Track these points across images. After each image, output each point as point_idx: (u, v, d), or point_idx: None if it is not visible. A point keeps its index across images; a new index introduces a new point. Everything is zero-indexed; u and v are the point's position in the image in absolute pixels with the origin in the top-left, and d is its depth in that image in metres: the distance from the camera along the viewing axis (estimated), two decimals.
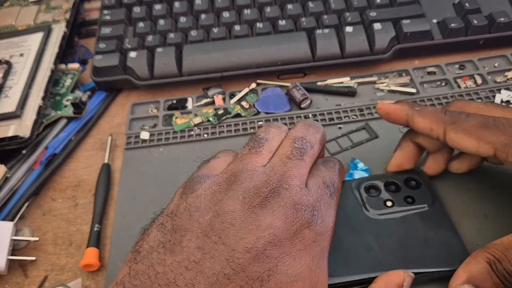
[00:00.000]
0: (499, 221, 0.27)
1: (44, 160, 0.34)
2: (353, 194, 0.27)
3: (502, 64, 0.37)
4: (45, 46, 0.39)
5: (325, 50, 0.37)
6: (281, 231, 0.19)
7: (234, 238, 0.18)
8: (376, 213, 0.26)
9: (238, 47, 0.38)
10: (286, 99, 0.36)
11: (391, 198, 0.27)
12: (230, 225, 0.19)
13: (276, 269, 0.18)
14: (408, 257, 0.24)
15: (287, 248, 0.19)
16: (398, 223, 0.25)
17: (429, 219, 0.26)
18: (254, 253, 0.18)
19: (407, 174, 0.28)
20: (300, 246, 0.19)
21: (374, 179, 0.28)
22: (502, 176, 0.29)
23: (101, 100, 0.39)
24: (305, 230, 0.19)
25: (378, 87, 0.36)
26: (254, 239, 0.18)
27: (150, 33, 0.40)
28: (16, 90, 0.36)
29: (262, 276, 0.17)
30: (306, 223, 0.20)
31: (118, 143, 0.36)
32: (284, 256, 0.18)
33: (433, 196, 0.27)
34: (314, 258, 0.19)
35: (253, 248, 0.18)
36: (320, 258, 0.20)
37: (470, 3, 0.38)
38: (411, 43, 0.37)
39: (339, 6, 0.40)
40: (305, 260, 0.19)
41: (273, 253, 0.18)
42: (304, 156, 0.22)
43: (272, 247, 0.18)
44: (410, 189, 0.27)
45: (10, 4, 0.46)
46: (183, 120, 0.35)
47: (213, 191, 0.21)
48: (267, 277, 0.18)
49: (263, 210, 0.19)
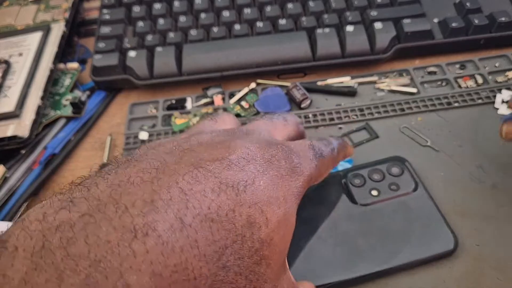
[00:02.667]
0: (499, 222, 0.27)
1: (43, 160, 0.34)
2: (338, 185, 0.27)
3: (503, 64, 0.36)
4: (44, 45, 0.39)
5: (325, 50, 0.37)
6: (255, 152, 0.18)
7: (204, 149, 0.17)
8: (362, 203, 0.26)
9: (238, 46, 0.38)
10: (286, 99, 0.36)
11: (376, 187, 0.27)
12: (200, 144, 0.18)
13: (253, 183, 0.17)
14: (395, 248, 0.24)
15: (263, 167, 0.17)
16: (384, 212, 0.26)
17: (415, 204, 0.26)
18: (227, 163, 0.17)
19: (389, 161, 0.28)
20: (275, 172, 0.18)
21: (358, 169, 0.28)
22: (503, 176, 0.29)
23: (100, 99, 0.39)
24: (282, 160, 0.19)
25: (379, 87, 0.36)
26: (225, 152, 0.17)
27: (149, 33, 0.40)
28: (15, 89, 0.35)
29: (237, 185, 0.16)
30: (283, 156, 0.19)
31: (117, 143, 0.35)
32: (260, 174, 0.17)
33: (416, 182, 0.27)
34: (289, 193, 0.18)
35: (224, 158, 0.17)
36: (293, 197, 0.18)
37: (471, 3, 0.38)
38: (411, 43, 0.37)
39: (340, 6, 0.40)
40: (281, 189, 0.18)
41: (247, 167, 0.17)
42: (287, 121, 0.24)
43: (246, 162, 0.17)
44: (394, 176, 0.27)
45: (10, 3, 0.46)
46: (182, 120, 0.35)
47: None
48: (243, 188, 0.16)
49: (237, 139, 0.19)
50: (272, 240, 0.16)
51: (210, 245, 0.14)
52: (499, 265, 0.25)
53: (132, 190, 0.15)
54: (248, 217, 0.16)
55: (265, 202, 0.17)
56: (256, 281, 0.16)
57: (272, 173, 0.18)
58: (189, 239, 0.14)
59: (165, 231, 0.13)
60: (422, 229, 0.25)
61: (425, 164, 0.30)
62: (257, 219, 0.16)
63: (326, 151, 0.23)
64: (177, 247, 0.13)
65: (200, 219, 0.14)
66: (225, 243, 0.15)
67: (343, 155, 0.25)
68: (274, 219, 0.17)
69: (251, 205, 0.16)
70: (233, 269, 0.15)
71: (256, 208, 0.16)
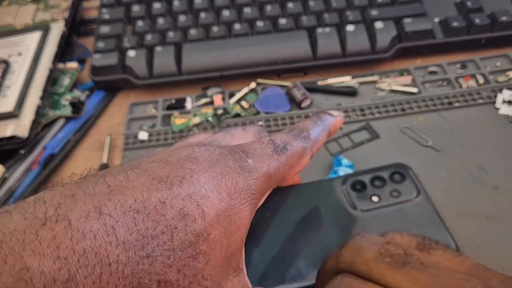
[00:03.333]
0: (501, 223, 0.27)
1: (42, 160, 0.34)
2: (339, 191, 0.27)
3: (504, 63, 0.36)
4: (43, 45, 0.39)
5: (326, 49, 0.37)
6: (199, 153, 0.18)
7: (145, 159, 0.17)
8: (362, 209, 0.26)
9: (238, 46, 0.38)
10: (286, 99, 0.36)
11: (377, 193, 0.27)
12: (155, 155, 0.18)
13: (191, 178, 0.16)
14: None
15: (205, 166, 0.17)
16: (384, 218, 0.25)
17: (415, 211, 0.26)
18: (164, 162, 0.17)
19: (392, 168, 0.28)
20: (220, 170, 0.17)
21: (359, 174, 0.28)
22: (504, 177, 0.29)
23: (99, 99, 0.38)
24: (229, 160, 0.18)
25: (379, 87, 0.36)
26: (166, 155, 0.17)
27: (149, 32, 0.40)
28: (14, 89, 0.35)
29: (171, 180, 0.16)
30: (231, 156, 0.18)
31: (117, 143, 0.35)
32: (201, 171, 0.17)
33: (418, 189, 0.27)
34: (235, 189, 0.17)
35: (162, 159, 0.17)
36: (242, 194, 0.18)
37: (472, 2, 0.38)
38: (412, 42, 0.37)
39: (340, 5, 0.39)
40: (225, 185, 0.17)
41: (186, 165, 0.17)
42: (246, 130, 0.24)
43: (187, 161, 0.17)
44: (395, 183, 0.27)
45: (9, 3, 0.45)
46: (182, 120, 0.35)
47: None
48: (179, 182, 0.16)
49: (185, 147, 0.19)
50: (210, 235, 0.16)
51: (132, 234, 0.14)
52: (501, 266, 0.25)
53: (58, 189, 0.15)
54: (180, 209, 0.15)
55: (203, 196, 0.16)
56: (192, 276, 0.15)
57: (215, 171, 0.17)
58: (106, 227, 0.14)
59: (77, 219, 0.14)
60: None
61: (425, 165, 0.30)
62: (192, 211, 0.15)
63: (294, 143, 0.21)
64: (90, 233, 0.14)
65: (123, 210, 0.14)
66: (152, 233, 0.14)
67: (327, 135, 0.24)
68: (212, 213, 0.16)
69: (185, 198, 0.16)
70: (160, 260, 0.14)
71: (191, 200, 0.16)
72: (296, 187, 0.27)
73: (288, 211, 0.26)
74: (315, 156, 0.23)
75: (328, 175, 0.30)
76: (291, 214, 0.26)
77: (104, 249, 0.14)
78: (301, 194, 0.27)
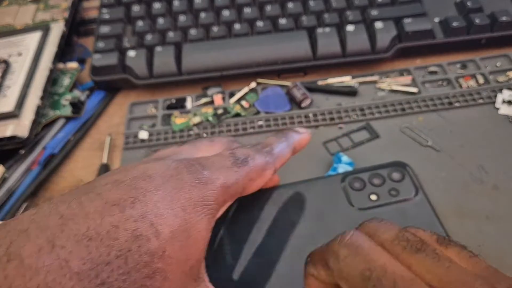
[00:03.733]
0: (500, 223, 0.27)
1: (42, 160, 0.34)
2: (337, 189, 0.27)
3: (504, 63, 0.36)
4: (43, 45, 0.39)
5: (326, 49, 0.37)
6: (154, 170, 0.18)
7: (100, 181, 0.17)
8: (360, 207, 0.26)
9: (238, 46, 0.38)
10: (286, 99, 0.36)
11: (376, 192, 0.27)
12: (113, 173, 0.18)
13: (143, 198, 0.16)
14: None
15: (159, 182, 0.17)
16: (381, 217, 0.25)
17: (413, 210, 0.26)
18: (117, 184, 0.17)
19: (391, 166, 0.28)
20: (174, 185, 0.18)
21: (358, 172, 0.28)
22: (504, 177, 0.29)
23: (99, 99, 0.38)
24: (185, 174, 0.18)
25: (379, 87, 0.36)
26: (122, 175, 0.17)
27: (149, 32, 0.40)
28: (14, 89, 0.35)
29: (124, 202, 0.16)
30: (186, 170, 0.19)
31: (117, 143, 0.35)
32: (154, 189, 0.17)
33: (417, 188, 0.27)
34: (190, 203, 0.18)
35: (116, 180, 0.17)
36: (198, 207, 0.18)
37: (472, 2, 0.38)
38: (412, 42, 0.37)
39: (340, 5, 0.39)
40: (179, 200, 0.17)
41: (140, 184, 0.17)
42: (213, 142, 0.24)
43: (140, 180, 0.17)
44: (394, 181, 0.27)
45: (9, 3, 0.45)
46: (182, 120, 0.35)
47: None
48: (131, 204, 0.16)
49: (141, 164, 0.19)
50: (166, 252, 0.16)
51: (85, 263, 0.14)
52: (502, 265, 0.25)
53: (12, 224, 0.15)
54: (133, 231, 0.15)
55: (156, 214, 0.16)
56: None
57: (170, 186, 0.17)
58: (59, 260, 0.14)
59: (30, 255, 0.14)
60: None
61: (425, 165, 0.30)
62: (145, 231, 0.16)
63: (256, 157, 0.21)
64: (43, 269, 0.14)
65: (76, 239, 0.15)
66: (105, 259, 0.15)
67: (291, 152, 0.24)
68: (167, 230, 0.16)
69: (137, 219, 0.16)
70: (116, 285, 0.15)
71: (144, 221, 0.16)
72: (295, 184, 0.27)
73: (286, 209, 0.26)
74: (315, 155, 0.23)
75: (327, 172, 0.30)
76: (288, 212, 0.26)
77: (59, 282, 0.14)
78: (299, 191, 0.27)
